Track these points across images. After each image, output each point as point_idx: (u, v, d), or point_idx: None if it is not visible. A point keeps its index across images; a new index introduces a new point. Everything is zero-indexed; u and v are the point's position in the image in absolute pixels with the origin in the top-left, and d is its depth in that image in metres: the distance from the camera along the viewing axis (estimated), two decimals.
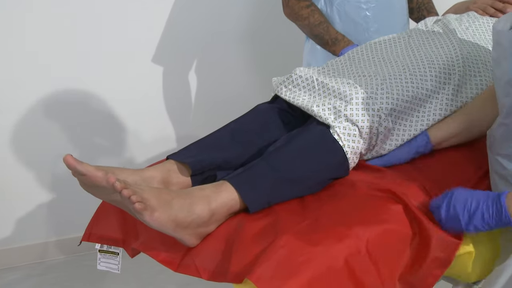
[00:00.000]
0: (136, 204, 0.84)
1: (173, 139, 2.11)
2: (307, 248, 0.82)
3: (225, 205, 0.95)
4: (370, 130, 1.04)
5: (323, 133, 1.04)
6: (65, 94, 1.92)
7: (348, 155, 1.03)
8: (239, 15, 2.07)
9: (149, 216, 0.86)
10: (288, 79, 1.17)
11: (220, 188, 0.96)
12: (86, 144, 1.98)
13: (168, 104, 2.07)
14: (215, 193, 0.95)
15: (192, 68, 2.08)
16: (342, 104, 1.05)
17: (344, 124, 1.03)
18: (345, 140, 1.03)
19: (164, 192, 0.91)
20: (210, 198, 0.94)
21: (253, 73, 2.15)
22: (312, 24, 1.52)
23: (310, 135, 1.05)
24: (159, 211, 0.87)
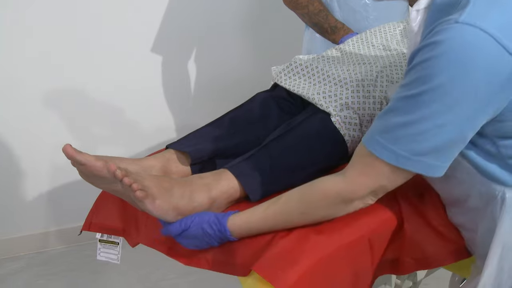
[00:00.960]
0: (137, 192, 0.84)
1: (173, 129, 2.10)
2: (308, 238, 0.83)
3: (225, 193, 0.95)
4: (371, 118, 1.04)
5: (323, 121, 1.04)
6: (64, 85, 1.91)
7: (348, 144, 1.03)
8: (238, 4, 2.06)
9: (151, 204, 0.86)
10: (287, 67, 1.16)
11: (220, 176, 0.96)
12: (85, 134, 1.98)
13: (167, 94, 2.06)
14: (215, 181, 0.95)
15: (191, 57, 2.07)
16: (343, 92, 1.05)
17: (345, 113, 1.03)
18: (346, 129, 1.03)
19: (164, 180, 0.91)
20: (210, 186, 0.94)
21: (252, 62, 2.15)
22: (312, 12, 1.51)
23: (311, 124, 1.05)
24: (160, 199, 0.87)
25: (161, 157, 1.01)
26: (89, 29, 1.87)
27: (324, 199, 0.83)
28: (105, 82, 1.95)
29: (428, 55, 0.70)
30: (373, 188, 0.80)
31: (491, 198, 0.81)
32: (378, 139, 0.76)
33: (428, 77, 0.70)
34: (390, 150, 0.75)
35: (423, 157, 0.74)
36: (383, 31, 1.27)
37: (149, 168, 0.97)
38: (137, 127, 2.04)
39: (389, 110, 0.76)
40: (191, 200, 0.91)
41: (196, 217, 0.89)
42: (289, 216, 0.86)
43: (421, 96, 0.71)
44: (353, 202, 0.83)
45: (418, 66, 0.72)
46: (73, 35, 1.86)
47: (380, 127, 0.77)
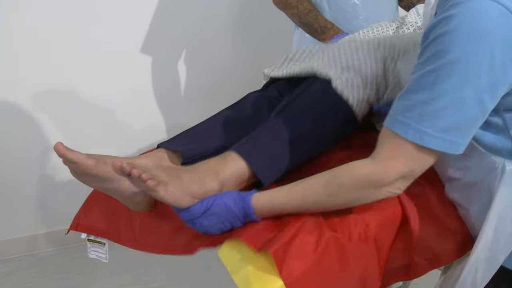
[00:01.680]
0: (148, 182, 0.81)
1: (163, 130, 2.10)
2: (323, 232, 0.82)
3: (233, 175, 0.93)
4: (375, 79, 1.02)
5: (324, 88, 1.01)
6: (55, 86, 1.90)
7: (354, 107, 1.01)
8: (228, 4, 2.06)
9: (164, 191, 0.83)
10: (282, 60, 1.17)
11: (225, 159, 0.94)
12: (75, 135, 1.97)
13: (158, 94, 2.06)
14: (222, 164, 0.93)
15: (181, 58, 2.07)
16: (342, 55, 1.03)
17: (346, 75, 1.01)
18: (349, 92, 1.00)
19: (171, 169, 0.90)
20: (217, 170, 0.92)
21: (242, 62, 2.15)
22: (301, 12, 1.52)
23: (311, 93, 1.02)
24: (172, 185, 0.85)
25: (153, 156, 1.00)
26: (80, 31, 1.87)
27: (353, 182, 0.82)
28: (96, 83, 1.94)
29: (443, 30, 0.72)
30: (401, 172, 0.79)
31: (490, 171, 0.82)
32: (401, 119, 0.77)
33: (444, 52, 0.72)
34: (414, 129, 0.76)
35: (447, 134, 0.74)
36: (376, 31, 1.28)
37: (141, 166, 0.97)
38: (128, 128, 2.03)
39: (409, 90, 0.77)
40: (202, 184, 0.89)
41: (219, 195, 0.87)
42: (316, 197, 0.84)
43: (440, 71, 0.72)
44: (382, 188, 0.81)
45: (434, 41, 0.73)
46: (64, 37, 1.86)
47: (402, 107, 0.77)
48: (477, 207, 0.85)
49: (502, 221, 0.81)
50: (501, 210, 0.80)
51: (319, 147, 1.01)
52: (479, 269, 0.83)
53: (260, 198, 0.86)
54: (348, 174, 0.83)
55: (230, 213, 0.85)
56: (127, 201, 0.96)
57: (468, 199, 0.87)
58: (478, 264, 0.83)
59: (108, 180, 0.90)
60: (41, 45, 1.84)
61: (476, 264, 0.83)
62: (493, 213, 0.81)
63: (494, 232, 0.81)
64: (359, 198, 0.84)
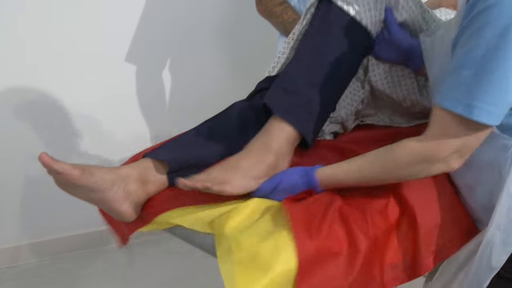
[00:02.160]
0: (215, 188, 0.89)
1: (148, 138, 2.09)
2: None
3: (283, 141, 1.00)
4: None
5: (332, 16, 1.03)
6: (37, 94, 1.89)
7: (368, 26, 1.03)
8: (212, 13, 2.07)
9: (231, 188, 0.91)
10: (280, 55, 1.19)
11: (270, 129, 1.01)
12: (59, 144, 1.95)
13: (143, 103, 2.05)
14: (269, 136, 1.00)
15: (166, 66, 2.07)
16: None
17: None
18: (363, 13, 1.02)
19: (229, 161, 0.97)
20: (267, 143, 0.99)
21: (227, 71, 2.16)
22: (286, 21, 1.53)
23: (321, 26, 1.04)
24: (235, 178, 0.93)
25: (138, 165, 1.00)
26: (62, 38, 1.86)
27: (407, 159, 0.85)
28: (79, 92, 1.93)
29: (488, 3, 0.73)
30: (454, 147, 0.81)
31: (501, 151, 0.83)
32: (451, 95, 0.79)
33: (490, 24, 0.73)
34: (464, 104, 0.77)
35: (495, 107, 0.76)
36: None
37: (126, 176, 0.96)
38: (112, 136, 2.02)
39: (457, 65, 0.78)
40: (260, 163, 0.97)
41: (286, 172, 0.95)
42: (372, 173, 0.89)
43: (487, 45, 0.74)
44: (436, 164, 0.84)
45: (480, 15, 0.75)
46: (46, 45, 1.84)
47: (451, 83, 0.79)
48: (486, 187, 0.87)
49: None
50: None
51: (346, 80, 1.06)
52: (493, 252, 0.84)
53: (323, 172, 0.93)
54: (402, 151, 0.86)
55: (297, 187, 0.94)
56: (113, 211, 0.96)
57: (475, 180, 0.89)
58: (492, 246, 0.84)
59: (94, 191, 0.90)
60: (25, 52, 1.82)
61: (490, 246, 0.84)
62: (506, 193, 0.82)
63: (508, 212, 0.83)
64: (414, 173, 0.87)
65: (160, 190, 1.02)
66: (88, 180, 0.88)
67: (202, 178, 0.91)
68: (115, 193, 0.93)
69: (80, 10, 1.85)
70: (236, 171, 0.94)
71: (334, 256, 0.83)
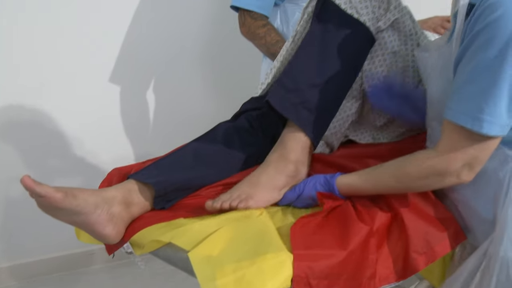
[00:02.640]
0: (239, 205, 0.94)
1: (132, 159, 2.08)
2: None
3: (300, 150, 1.04)
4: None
5: (328, 16, 1.05)
6: (20, 115, 1.87)
7: (368, 23, 1.04)
8: (197, 35, 2.09)
9: (254, 203, 0.96)
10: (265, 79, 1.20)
11: (285, 140, 1.04)
12: (41, 166, 1.93)
13: (126, 124, 2.04)
14: (285, 147, 1.04)
15: (150, 87, 2.07)
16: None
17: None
18: (360, 9, 1.04)
19: (248, 179, 1.01)
20: (285, 154, 1.03)
21: (212, 92, 2.17)
22: (269, 43, 1.55)
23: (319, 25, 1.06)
24: (258, 193, 0.97)
25: (123, 187, 1.00)
26: (45, 58, 1.85)
27: (419, 172, 0.88)
28: (62, 112, 1.92)
29: (490, 18, 0.75)
30: (464, 161, 0.83)
31: (504, 162, 0.85)
32: (460, 110, 0.81)
33: (493, 39, 0.75)
34: (474, 118, 0.79)
35: (502, 118, 0.78)
36: None
37: (110, 199, 0.96)
38: (95, 158, 2.01)
39: (464, 81, 0.80)
40: (280, 175, 1.01)
41: (308, 180, 1.01)
42: (386, 185, 0.94)
43: (492, 60, 0.76)
44: (447, 177, 0.86)
45: (482, 31, 0.76)
46: (29, 65, 1.83)
47: (460, 99, 0.81)
48: (485, 198, 0.89)
49: None
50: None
51: (348, 79, 1.08)
52: (510, 264, 0.85)
53: (341, 181, 0.98)
54: (413, 165, 0.89)
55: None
56: (96, 234, 0.95)
57: (474, 190, 0.90)
58: (509, 260, 0.85)
59: (77, 213, 0.89)
60: (8, 73, 1.81)
61: (507, 261, 0.85)
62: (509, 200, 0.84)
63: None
64: (426, 185, 0.91)
65: (144, 211, 1.02)
66: (71, 203, 0.88)
67: (227, 198, 0.96)
68: (98, 216, 0.92)
69: (65, 32, 1.85)
70: (257, 186, 0.99)
71: (327, 257, 0.85)
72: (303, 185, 1.00)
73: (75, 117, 1.94)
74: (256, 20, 1.57)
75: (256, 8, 1.57)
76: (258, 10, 1.57)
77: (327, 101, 1.05)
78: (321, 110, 1.04)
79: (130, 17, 1.95)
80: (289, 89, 1.04)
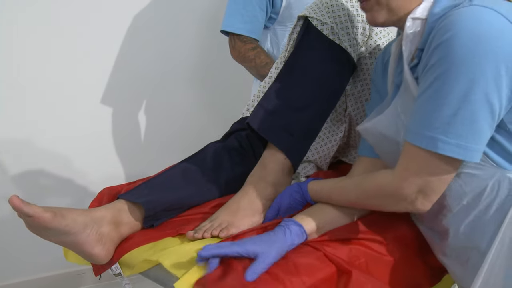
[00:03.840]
0: (220, 234, 0.93)
1: (122, 178, 2.08)
2: None
3: (278, 171, 1.05)
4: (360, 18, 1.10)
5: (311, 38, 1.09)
6: (8, 132, 1.86)
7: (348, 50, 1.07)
8: (189, 55, 2.11)
9: (236, 229, 0.96)
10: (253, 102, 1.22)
11: (264, 163, 1.06)
12: (30, 185, 1.92)
13: (117, 142, 2.05)
14: (264, 169, 1.05)
15: (141, 107, 2.08)
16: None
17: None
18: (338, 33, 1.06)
19: (228, 205, 1.01)
20: (264, 177, 1.05)
21: (203, 112, 2.18)
22: (259, 65, 1.58)
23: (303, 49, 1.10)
24: (238, 220, 0.97)
25: (112, 207, 1.00)
26: (36, 76, 1.85)
27: (375, 191, 0.88)
28: (51, 131, 1.92)
29: (444, 37, 0.75)
30: (418, 184, 0.80)
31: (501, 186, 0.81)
32: (415, 130, 0.79)
33: (446, 58, 0.75)
34: (428, 137, 0.77)
35: (461, 139, 0.75)
36: None
37: (99, 219, 0.96)
38: (85, 176, 2.00)
39: (419, 100, 0.79)
40: (260, 198, 1.02)
41: (282, 194, 1.02)
42: (348, 198, 0.94)
43: (445, 78, 0.75)
44: (401, 201, 0.83)
45: (436, 50, 0.76)
46: (20, 85, 1.84)
47: (415, 118, 0.79)
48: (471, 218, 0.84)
49: None
50: None
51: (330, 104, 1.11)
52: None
53: (312, 188, 1.01)
54: (372, 183, 0.89)
55: (297, 202, 1.01)
56: (85, 254, 0.95)
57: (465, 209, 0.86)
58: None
59: (66, 234, 0.89)
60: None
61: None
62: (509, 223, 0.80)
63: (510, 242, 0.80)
64: (381, 205, 0.90)
65: (134, 231, 1.02)
66: (60, 223, 0.87)
67: (208, 227, 0.96)
68: (88, 236, 0.92)
69: (55, 51, 1.86)
70: (237, 212, 0.99)
71: None
72: (279, 199, 1.02)
73: (65, 136, 1.93)
74: (245, 44, 1.59)
75: (246, 32, 1.59)
76: (247, 34, 1.60)
77: (308, 124, 1.07)
78: (301, 133, 1.06)
79: (122, 36, 1.97)
80: (269, 111, 1.06)
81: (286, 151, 1.04)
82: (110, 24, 1.93)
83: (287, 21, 1.62)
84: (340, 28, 1.07)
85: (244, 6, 1.58)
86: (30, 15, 1.78)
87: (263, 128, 1.05)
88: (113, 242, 0.97)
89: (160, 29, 2.03)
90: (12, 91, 1.83)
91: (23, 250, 1.91)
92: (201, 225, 0.99)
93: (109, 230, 0.95)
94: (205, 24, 2.09)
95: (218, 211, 1.01)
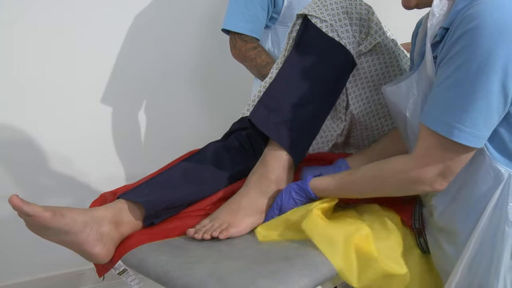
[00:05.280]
0: (220, 236, 0.93)
1: (122, 179, 2.07)
2: None
3: (280, 168, 1.04)
4: (359, 16, 1.09)
5: (311, 35, 1.08)
6: (8, 133, 1.86)
7: (345, 45, 1.06)
8: (189, 55, 2.11)
9: (236, 230, 0.96)
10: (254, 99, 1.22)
11: (266, 159, 1.05)
12: (30, 184, 1.91)
13: (117, 143, 2.04)
14: (266, 166, 1.04)
15: (142, 107, 2.07)
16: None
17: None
18: (339, 32, 1.06)
19: (229, 204, 1.01)
20: (265, 174, 1.03)
21: (203, 111, 2.18)
22: (260, 64, 1.57)
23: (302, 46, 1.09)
24: (239, 220, 0.97)
25: (113, 206, 0.99)
26: (36, 76, 1.85)
27: (393, 178, 0.89)
28: (52, 131, 1.91)
29: (468, 27, 0.76)
30: (438, 170, 0.83)
31: (495, 180, 0.84)
32: (433, 114, 0.81)
33: (470, 48, 0.76)
34: (445, 124, 0.79)
35: (475, 128, 0.78)
36: None
37: (99, 218, 0.96)
38: (85, 176, 2.00)
39: (439, 87, 0.81)
40: (262, 196, 1.02)
41: (283, 192, 1.01)
42: (362, 189, 0.95)
43: (467, 67, 0.76)
44: (421, 185, 0.86)
45: (460, 39, 0.78)
46: (20, 84, 1.83)
47: (435, 103, 0.81)
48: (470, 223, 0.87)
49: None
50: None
51: (330, 101, 1.10)
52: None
53: (316, 184, 1.00)
54: (390, 171, 0.89)
55: (298, 202, 1.01)
56: (85, 253, 0.94)
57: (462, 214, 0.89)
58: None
59: (66, 233, 0.89)
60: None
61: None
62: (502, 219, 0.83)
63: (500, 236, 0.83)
64: (399, 192, 0.92)
65: (134, 231, 1.01)
66: (60, 222, 0.87)
67: (208, 227, 0.96)
68: (88, 235, 0.92)
69: (55, 51, 1.86)
70: (238, 212, 0.99)
71: None
72: (279, 200, 1.01)
73: (65, 136, 1.93)
74: (246, 43, 1.59)
75: (247, 31, 1.59)
76: (248, 33, 1.59)
77: (309, 121, 1.07)
78: (302, 130, 1.06)
79: (123, 36, 1.97)
80: (270, 108, 1.06)
81: (287, 147, 1.04)
82: (110, 24, 1.93)
83: (289, 21, 1.62)
84: (339, 25, 1.07)
85: (246, 5, 1.58)
86: (30, 15, 1.78)
87: (264, 124, 1.04)
88: (114, 241, 0.96)
89: (160, 29, 2.03)
90: (12, 91, 1.83)
91: (23, 250, 1.90)
92: (201, 224, 0.99)
93: (110, 230, 0.95)
94: (206, 25, 2.09)
95: (219, 210, 1.01)
